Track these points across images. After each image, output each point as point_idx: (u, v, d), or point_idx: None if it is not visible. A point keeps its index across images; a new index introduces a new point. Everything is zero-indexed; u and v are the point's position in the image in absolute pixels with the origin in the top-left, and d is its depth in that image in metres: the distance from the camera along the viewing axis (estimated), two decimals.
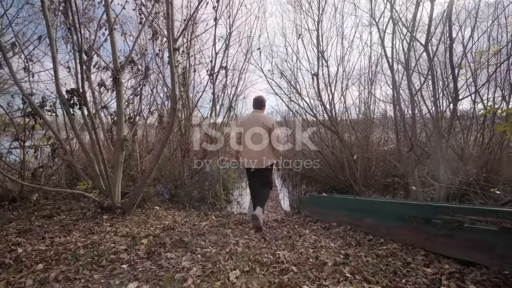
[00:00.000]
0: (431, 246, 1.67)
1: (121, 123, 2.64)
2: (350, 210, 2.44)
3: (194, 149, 5.04)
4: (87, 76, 3.53)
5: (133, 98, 3.75)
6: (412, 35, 2.58)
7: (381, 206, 2.11)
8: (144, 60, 3.88)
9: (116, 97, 2.67)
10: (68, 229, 2.13)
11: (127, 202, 2.53)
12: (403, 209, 1.92)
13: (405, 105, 2.93)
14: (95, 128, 2.26)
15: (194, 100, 4.53)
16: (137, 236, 2.00)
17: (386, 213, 2.04)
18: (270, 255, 1.68)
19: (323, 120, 5.50)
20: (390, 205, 2.04)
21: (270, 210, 3.42)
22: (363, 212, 2.27)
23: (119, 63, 2.70)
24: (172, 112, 2.24)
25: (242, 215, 3.39)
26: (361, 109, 5.30)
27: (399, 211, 1.94)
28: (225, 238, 2.10)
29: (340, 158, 4.87)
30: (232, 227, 2.53)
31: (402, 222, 1.89)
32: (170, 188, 4.67)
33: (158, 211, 3.55)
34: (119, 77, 2.62)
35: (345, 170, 4.56)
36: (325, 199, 2.99)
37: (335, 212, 2.70)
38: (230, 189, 5.59)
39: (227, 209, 4.59)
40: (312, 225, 2.75)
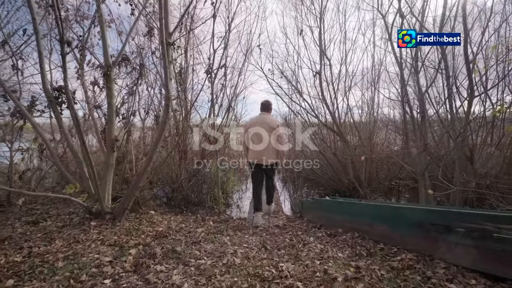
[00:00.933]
0: (452, 257, 1.49)
1: (112, 122, 2.47)
2: (358, 215, 2.26)
3: (193, 150, 4.87)
4: (79, 74, 3.40)
5: (128, 98, 3.59)
6: (422, 24, 2.41)
7: (394, 211, 1.93)
8: (141, 58, 3.73)
9: (106, 94, 2.51)
10: (51, 237, 1.95)
11: (118, 207, 2.35)
12: (420, 216, 1.74)
13: (414, 103, 2.76)
14: (79, 126, 2.09)
15: (192, 100, 4.37)
16: (125, 246, 1.82)
17: (400, 220, 1.86)
18: (272, 268, 1.50)
19: (325, 121, 5.34)
20: (404, 210, 1.86)
21: (272, 216, 3.23)
22: (373, 218, 2.09)
23: (111, 59, 2.54)
24: (165, 110, 2.07)
25: (241, 220, 3.21)
26: (364, 109, 5.14)
27: (415, 217, 1.76)
28: (222, 247, 1.92)
29: (344, 160, 4.70)
30: (230, 234, 2.35)
31: (418, 229, 1.70)
32: (167, 191, 4.49)
33: (153, 216, 3.37)
34: (110, 74, 2.46)
35: (349, 173, 4.38)
36: (330, 204, 2.81)
37: (341, 218, 2.51)
38: (229, 192, 5.40)
39: (226, 213, 4.40)
40: (316, 231, 2.57)
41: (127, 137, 3.38)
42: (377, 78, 4.49)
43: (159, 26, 1.97)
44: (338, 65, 4.41)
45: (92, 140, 4.68)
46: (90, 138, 4.75)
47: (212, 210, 4.28)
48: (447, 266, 1.44)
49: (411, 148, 2.66)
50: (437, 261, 1.52)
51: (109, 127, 2.47)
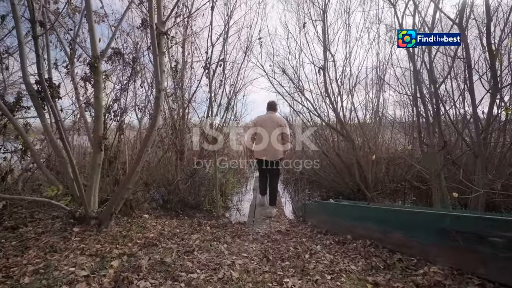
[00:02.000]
0: (488, 272, 1.27)
1: (99, 119, 2.26)
2: (370, 221, 2.04)
3: (190, 150, 4.66)
4: (68, 69, 3.19)
5: (120, 94, 3.39)
6: (436, 5, 2.21)
7: (412, 217, 1.71)
8: (136, 52, 3.54)
9: (93, 88, 2.30)
10: (25, 245, 1.73)
11: (104, 212, 2.13)
12: (443, 222, 1.52)
13: (427, 98, 2.53)
14: (58, 121, 1.88)
15: (189, 97, 4.17)
16: (107, 256, 1.60)
17: (419, 226, 1.64)
18: (275, 284, 1.28)
19: (328, 120, 5.14)
20: (424, 216, 1.64)
21: (273, 220, 3.01)
22: (387, 224, 1.87)
23: (99, 50, 2.34)
24: (156, 103, 1.87)
25: (241, 224, 2.99)
26: (368, 107, 4.93)
27: (437, 224, 1.54)
28: (218, 256, 1.70)
29: (349, 161, 4.48)
30: (228, 241, 2.13)
31: (442, 238, 1.49)
32: (162, 193, 4.27)
33: (146, 220, 3.15)
34: (97, 65, 2.25)
35: (354, 174, 4.16)
36: (336, 208, 2.59)
37: (349, 223, 2.29)
38: (229, 194, 5.18)
39: (225, 216, 4.18)
40: (322, 238, 2.35)
41: (119, 136, 3.17)
42: (383, 75, 4.28)
43: (148, 8, 1.76)
44: (342, 61, 4.21)
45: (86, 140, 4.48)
46: (85, 139, 4.56)
47: (210, 214, 4.06)
48: (482, 283, 1.23)
49: (423, 147, 2.45)
50: (468, 276, 1.30)
51: (96, 123, 2.26)
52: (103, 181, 3.37)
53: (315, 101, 5.25)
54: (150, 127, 1.88)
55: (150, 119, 4.10)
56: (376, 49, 4.48)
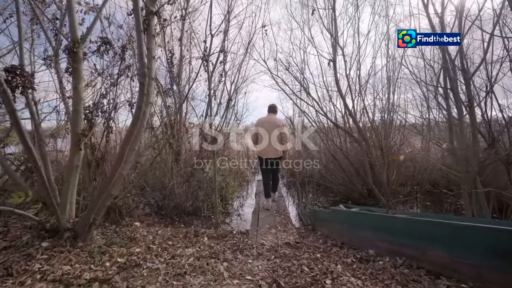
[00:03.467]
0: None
1: (78, 113, 1.93)
2: (399, 234, 1.69)
3: (187, 150, 4.33)
4: (51, 60, 2.87)
5: (110, 89, 3.07)
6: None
7: (460, 232, 1.36)
8: (127, 42, 3.22)
9: (72, 77, 1.98)
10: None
11: (81, 222, 1.79)
12: (505, 240, 1.18)
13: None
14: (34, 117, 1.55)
15: (186, 92, 3.84)
16: (74, 283, 1.25)
17: (472, 244, 1.30)
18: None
19: (335, 120, 4.81)
20: (478, 231, 1.29)
21: (280, 230, 2.66)
22: (425, 238, 1.52)
23: (80, 34, 2.02)
24: (140, 91, 1.53)
25: (243, 234, 2.63)
26: (379, 105, 4.58)
27: (499, 242, 1.19)
28: (216, 281, 1.36)
29: (359, 163, 4.15)
30: (228, 258, 1.78)
31: (508, 261, 1.14)
32: (157, 198, 3.93)
33: (136, 229, 2.80)
34: (77, 50, 1.93)
35: (365, 177, 3.81)
36: (354, 217, 2.24)
37: (372, 235, 1.95)
38: (229, 199, 4.83)
39: (225, 223, 3.83)
40: (339, 252, 2.00)
41: (108, 134, 2.84)
42: (397, 72, 3.94)
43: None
44: (351, 57, 3.89)
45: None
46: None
47: (208, 221, 3.71)
48: None
49: (454, 147, 2.12)
50: None
51: (74, 118, 1.93)
52: (90, 185, 3.05)
53: (321, 100, 4.95)
54: (133, 120, 1.55)
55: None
56: (386, 43, 4.16)
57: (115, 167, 1.66)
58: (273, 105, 3.54)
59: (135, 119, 1.53)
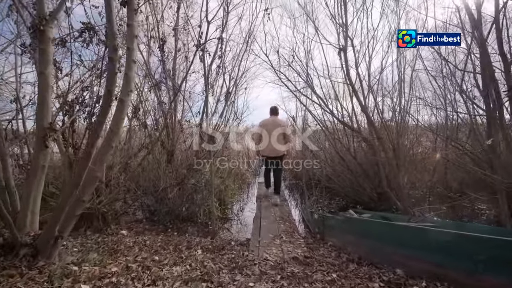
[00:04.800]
0: None
1: (45, 103, 1.61)
2: (440, 252, 1.35)
3: (182, 150, 4.00)
4: (25, 47, 2.55)
5: (94, 80, 2.75)
6: None
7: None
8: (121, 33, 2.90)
9: (38, 60, 1.66)
10: None
11: (43, 236, 1.46)
12: None
13: None
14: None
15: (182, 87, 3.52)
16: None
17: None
18: None
19: (342, 118, 4.47)
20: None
21: (285, 240, 2.31)
22: (476, 259, 1.18)
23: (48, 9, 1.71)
24: (110, 70, 1.20)
25: (242, 246, 2.29)
26: (387, 103, 4.24)
27: None
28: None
29: (370, 163, 3.81)
30: (224, 282, 1.44)
31: None
32: (149, 203, 3.59)
33: (121, 239, 2.48)
34: (44, 29, 1.61)
35: (379, 179, 3.48)
36: (375, 227, 1.90)
37: (397, 251, 1.61)
38: (228, 203, 4.49)
39: (223, 230, 3.49)
40: (358, 271, 1.65)
41: (92, 131, 2.51)
42: (411, 66, 3.60)
43: None
44: (360, 48, 3.57)
45: None
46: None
47: (205, 228, 3.37)
48: None
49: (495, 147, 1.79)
50: None
51: (40, 109, 1.60)
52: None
53: (326, 97, 4.62)
54: (102, 108, 1.22)
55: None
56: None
57: (82, 167, 1.33)
58: (275, 107, 3.73)
59: (104, 106, 1.20)
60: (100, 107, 1.23)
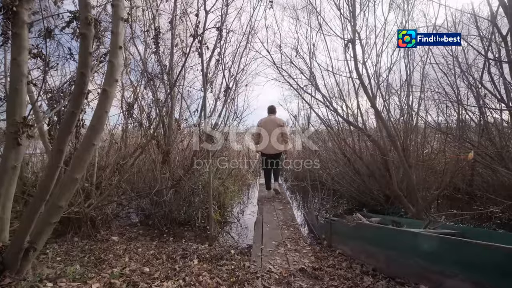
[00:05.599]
0: None
1: (18, 94, 1.40)
2: (481, 270, 1.13)
3: (179, 151, 3.80)
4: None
5: None
6: None
7: None
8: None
9: (11, 44, 1.46)
10: None
11: (10, 248, 1.25)
12: None
13: None
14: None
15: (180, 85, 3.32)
16: None
17: None
18: None
19: (347, 117, 4.27)
20: None
21: (290, 248, 2.10)
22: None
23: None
24: (82, 48, 1.00)
25: (243, 256, 2.08)
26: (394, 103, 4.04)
27: None
28: None
29: (376, 164, 3.61)
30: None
31: None
32: (144, 206, 3.38)
33: (112, 247, 2.28)
34: (18, 10, 1.41)
35: (387, 180, 3.27)
36: (393, 236, 1.69)
37: (422, 263, 1.40)
38: (228, 206, 4.27)
39: (223, 235, 3.28)
40: (375, 286, 1.44)
41: (76, 127, 2.30)
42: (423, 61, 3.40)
43: None
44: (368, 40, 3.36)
45: None
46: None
47: (203, 233, 3.16)
48: None
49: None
50: None
51: (12, 101, 1.40)
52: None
53: (331, 95, 4.42)
54: (75, 94, 1.01)
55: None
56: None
57: (52, 167, 1.12)
58: (273, 106, 3.89)
59: (77, 93, 0.99)
60: (71, 95, 1.02)
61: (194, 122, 3.81)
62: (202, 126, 3.28)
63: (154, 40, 2.49)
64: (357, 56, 2.79)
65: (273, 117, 3.78)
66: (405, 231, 1.62)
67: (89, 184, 2.79)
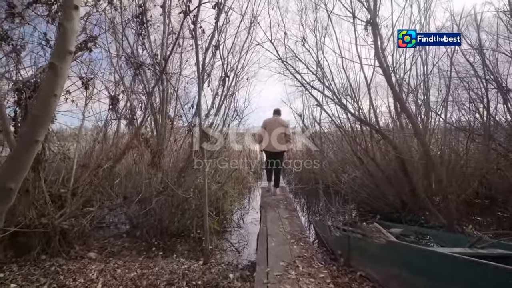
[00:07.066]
0: None
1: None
2: None
3: (173, 151, 3.40)
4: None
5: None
6: None
7: None
8: None
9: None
10: None
11: None
12: None
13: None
14: None
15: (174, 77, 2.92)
16: None
17: None
18: None
19: (359, 114, 3.88)
20: None
21: (302, 272, 1.69)
22: None
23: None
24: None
25: (245, 282, 1.67)
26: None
27: None
28: None
29: (392, 167, 3.21)
30: None
31: None
32: (131, 214, 2.97)
33: (86, 267, 1.88)
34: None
35: (404, 185, 2.87)
36: (445, 263, 1.27)
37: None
38: (228, 211, 3.87)
39: (221, 246, 2.89)
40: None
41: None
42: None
43: None
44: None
45: None
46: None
47: (198, 245, 2.77)
48: None
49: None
50: None
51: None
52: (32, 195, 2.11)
53: (340, 92, 4.04)
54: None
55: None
56: None
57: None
58: (278, 109, 4.00)
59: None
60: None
61: (189, 120, 3.43)
62: (196, 122, 2.88)
63: (139, 19, 2.10)
64: (377, 42, 2.38)
65: (277, 118, 3.86)
66: (469, 261, 1.20)
67: (66, 190, 2.40)
